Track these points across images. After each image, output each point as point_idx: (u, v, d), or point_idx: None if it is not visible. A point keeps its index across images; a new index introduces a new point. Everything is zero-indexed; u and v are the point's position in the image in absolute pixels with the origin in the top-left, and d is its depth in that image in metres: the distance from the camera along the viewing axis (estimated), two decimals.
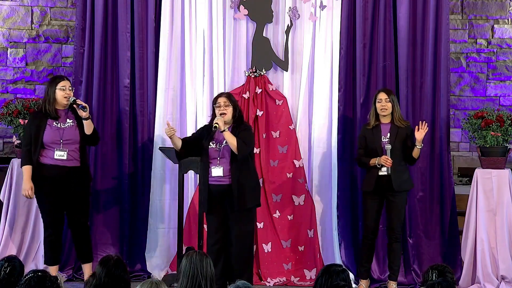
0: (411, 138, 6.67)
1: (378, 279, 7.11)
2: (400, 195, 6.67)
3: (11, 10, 8.41)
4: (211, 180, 6.32)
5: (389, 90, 6.83)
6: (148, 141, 7.39)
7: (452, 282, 4.34)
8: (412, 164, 6.81)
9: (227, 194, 6.28)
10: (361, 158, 6.77)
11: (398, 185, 6.62)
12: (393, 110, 6.72)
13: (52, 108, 6.52)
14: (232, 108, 6.40)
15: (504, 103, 8.29)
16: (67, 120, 6.53)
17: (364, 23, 7.27)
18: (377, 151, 6.66)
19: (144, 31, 7.39)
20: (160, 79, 7.40)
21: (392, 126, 6.71)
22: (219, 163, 6.31)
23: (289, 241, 7.29)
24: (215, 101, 6.47)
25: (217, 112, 6.37)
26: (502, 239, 6.95)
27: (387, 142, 6.64)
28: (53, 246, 6.59)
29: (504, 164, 7.07)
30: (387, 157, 6.56)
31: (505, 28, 8.31)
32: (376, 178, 6.63)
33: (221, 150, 6.33)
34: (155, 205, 7.37)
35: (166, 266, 7.33)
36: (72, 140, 6.49)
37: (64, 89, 6.51)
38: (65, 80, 6.59)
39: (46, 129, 6.48)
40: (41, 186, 6.50)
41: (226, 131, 6.25)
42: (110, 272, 4.18)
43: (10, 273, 4.26)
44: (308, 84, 7.38)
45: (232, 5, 7.40)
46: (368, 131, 6.75)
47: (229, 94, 6.61)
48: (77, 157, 6.50)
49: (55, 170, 6.43)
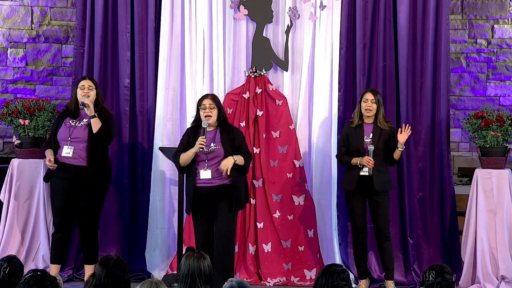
0: (393, 140, 6.68)
1: (378, 278, 7.11)
2: (383, 195, 6.69)
3: (11, 10, 8.41)
4: (198, 183, 6.28)
5: (375, 91, 6.83)
6: (148, 141, 7.39)
7: (452, 282, 4.34)
8: (392, 165, 6.84)
9: (215, 195, 6.26)
10: (343, 156, 6.78)
11: (380, 186, 6.63)
12: (378, 111, 6.73)
13: (72, 107, 6.65)
14: (217, 110, 6.35)
15: (504, 103, 8.29)
16: (83, 120, 6.62)
17: (364, 23, 7.27)
18: (359, 150, 6.67)
19: (144, 31, 7.39)
20: (160, 79, 7.39)
21: (375, 127, 6.72)
22: (207, 166, 6.28)
23: (289, 241, 7.29)
24: (199, 103, 6.40)
25: (201, 114, 6.32)
26: (502, 239, 6.94)
27: (370, 143, 6.65)
28: (58, 245, 6.66)
29: (504, 164, 7.07)
30: (370, 158, 6.57)
31: (505, 28, 8.31)
32: (358, 177, 6.64)
33: (208, 153, 6.30)
34: (155, 205, 7.37)
35: (166, 266, 7.32)
36: (80, 139, 6.54)
37: (83, 88, 6.62)
38: (86, 79, 6.72)
39: (61, 126, 6.60)
40: (53, 184, 6.66)
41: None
42: (110, 272, 4.18)
43: (9, 273, 4.26)
44: (308, 84, 7.37)
45: (232, 5, 7.40)
46: (351, 130, 6.76)
47: (214, 95, 6.56)
48: (83, 156, 6.52)
49: (63, 168, 6.52)
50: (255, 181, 7.28)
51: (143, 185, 7.38)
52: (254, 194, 7.29)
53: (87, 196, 6.55)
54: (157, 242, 7.35)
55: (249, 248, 7.27)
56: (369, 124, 6.75)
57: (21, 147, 7.18)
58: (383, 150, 6.69)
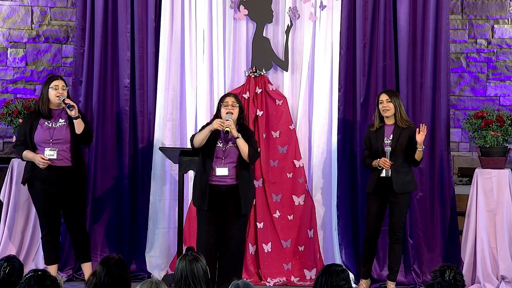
0: (414, 139, 6.65)
1: (378, 278, 7.11)
2: (403, 196, 6.66)
3: (11, 10, 8.41)
4: (214, 180, 6.29)
5: (391, 91, 6.81)
6: (148, 141, 7.39)
7: (452, 283, 4.33)
8: (416, 165, 6.79)
9: (229, 194, 6.26)
10: (365, 159, 6.79)
11: (399, 186, 6.61)
12: (396, 111, 6.71)
13: (45, 108, 6.51)
14: (239, 109, 6.36)
15: (504, 103, 8.29)
16: (59, 120, 6.50)
17: (364, 23, 7.27)
18: (379, 152, 6.66)
19: (144, 31, 7.39)
20: (160, 79, 7.40)
21: (395, 127, 6.71)
22: (223, 163, 6.29)
23: (289, 241, 7.29)
24: (222, 100, 6.40)
25: (223, 111, 6.30)
26: (502, 239, 6.95)
27: (388, 144, 6.64)
28: (50, 246, 6.59)
29: (504, 164, 7.07)
30: (386, 159, 6.56)
31: (505, 28, 8.32)
32: (377, 179, 6.64)
33: (227, 150, 6.31)
34: (155, 205, 7.37)
35: (166, 266, 7.33)
36: (63, 140, 6.46)
37: (57, 88, 6.49)
38: (58, 79, 6.56)
39: (37, 128, 6.47)
40: (34, 186, 6.52)
41: (239, 138, 6.20)
42: (110, 272, 4.18)
43: (9, 273, 4.26)
44: (308, 84, 7.38)
45: (232, 5, 7.41)
46: (371, 133, 6.75)
47: (236, 95, 6.57)
48: (68, 156, 6.46)
49: (47, 170, 6.41)
50: (255, 181, 7.27)
51: (143, 185, 7.38)
52: None
53: (74, 194, 6.50)
54: (157, 242, 7.36)
55: (249, 248, 7.27)
56: (390, 125, 6.72)
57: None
58: (403, 151, 6.66)
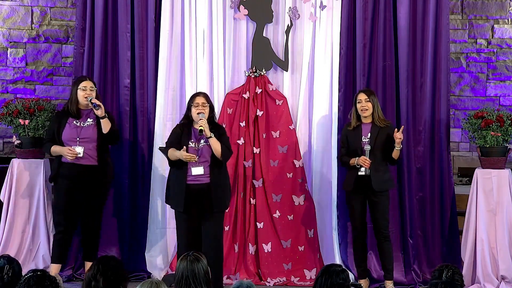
0: (392, 138, 6.68)
1: (378, 278, 7.11)
2: (382, 194, 6.69)
3: (11, 10, 8.41)
4: (189, 179, 6.35)
5: (369, 91, 6.85)
6: (148, 141, 7.40)
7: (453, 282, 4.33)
8: (393, 164, 6.84)
9: (205, 193, 6.34)
10: (342, 157, 6.81)
11: (378, 185, 6.64)
12: (374, 110, 6.73)
13: (74, 108, 6.69)
14: (209, 108, 6.47)
15: (504, 103, 8.29)
16: (87, 120, 6.68)
17: (364, 23, 7.27)
18: (357, 151, 6.68)
19: (144, 31, 7.39)
20: (160, 79, 7.40)
21: (373, 126, 6.73)
22: (198, 162, 6.34)
23: (289, 241, 7.29)
24: (192, 100, 6.50)
25: (193, 111, 6.41)
26: (502, 239, 6.95)
27: (367, 143, 6.66)
28: (61, 245, 6.71)
29: (504, 164, 7.07)
30: (366, 158, 6.59)
31: (505, 28, 8.32)
32: (355, 177, 6.66)
33: (200, 149, 6.37)
34: (155, 205, 7.37)
35: (166, 266, 7.33)
36: (89, 139, 6.62)
37: (85, 89, 6.68)
38: (87, 80, 6.76)
39: (66, 127, 6.66)
40: (58, 183, 6.69)
41: (212, 137, 6.30)
42: (106, 272, 4.16)
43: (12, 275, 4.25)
44: (308, 84, 7.38)
45: (232, 5, 7.41)
46: (349, 132, 6.79)
47: (206, 94, 6.65)
48: (94, 155, 6.62)
49: (73, 168, 6.58)
50: (255, 181, 7.28)
51: (143, 185, 7.39)
52: (254, 194, 7.30)
53: (96, 194, 6.68)
54: (157, 242, 7.36)
55: (249, 248, 7.27)
56: (367, 124, 6.76)
57: (21, 147, 7.19)
58: (381, 149, 6.69)
